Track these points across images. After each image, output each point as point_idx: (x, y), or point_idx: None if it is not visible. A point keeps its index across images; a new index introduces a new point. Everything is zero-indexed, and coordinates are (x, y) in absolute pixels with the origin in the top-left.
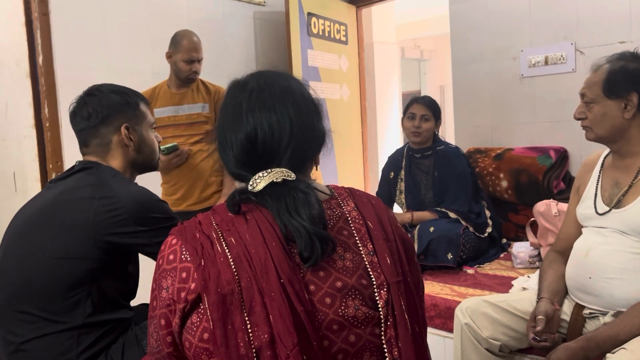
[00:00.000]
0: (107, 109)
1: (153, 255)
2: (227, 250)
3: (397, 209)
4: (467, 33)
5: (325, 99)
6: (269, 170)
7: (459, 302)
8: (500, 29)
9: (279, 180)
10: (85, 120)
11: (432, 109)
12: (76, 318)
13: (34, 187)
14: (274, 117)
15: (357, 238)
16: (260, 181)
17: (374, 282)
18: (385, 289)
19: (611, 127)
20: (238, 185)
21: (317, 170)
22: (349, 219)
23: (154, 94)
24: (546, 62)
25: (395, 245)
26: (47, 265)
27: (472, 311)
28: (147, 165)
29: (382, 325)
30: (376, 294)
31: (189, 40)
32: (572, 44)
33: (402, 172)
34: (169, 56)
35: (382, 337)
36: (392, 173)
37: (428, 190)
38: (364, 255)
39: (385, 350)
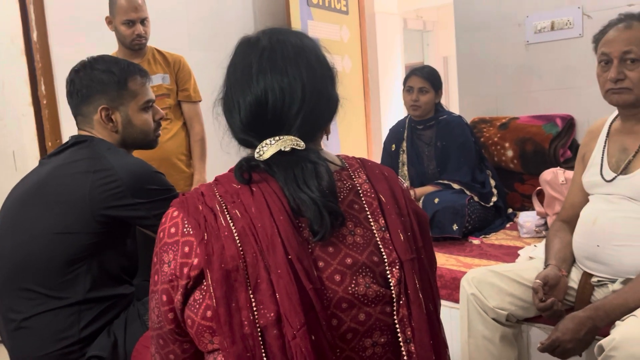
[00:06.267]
0: (87, 88)
1: (151, 227)
2: (231, 224)
3: None
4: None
5: None
6: (277, 137)
7: (464, 273)
8: None
9: (287, 149)
10: (69, 97)
11: (431, 80)
12: (77, 293)
13: (34, 166)
14: (285, 81)
15: (368, 212)
16: (267, 149)
17: (386, 260)
18: (397, 267)
19: None
20: (245, 153)
21: (327, 140)
22: (360, 192)
23: None
24: (552, 28)
25: (409, 220)
26: (44, 241)
27: (478, 281)
28: (137, 144)
29: (394, 304)
30: (387, 272)
31: None
32: (579, 8)
33: (404, 144)
34: (109, 22)
35: (395, 317)
36: (394, 145)
37: (431, 161)
38: (375, 231)
39: (398, 330)
